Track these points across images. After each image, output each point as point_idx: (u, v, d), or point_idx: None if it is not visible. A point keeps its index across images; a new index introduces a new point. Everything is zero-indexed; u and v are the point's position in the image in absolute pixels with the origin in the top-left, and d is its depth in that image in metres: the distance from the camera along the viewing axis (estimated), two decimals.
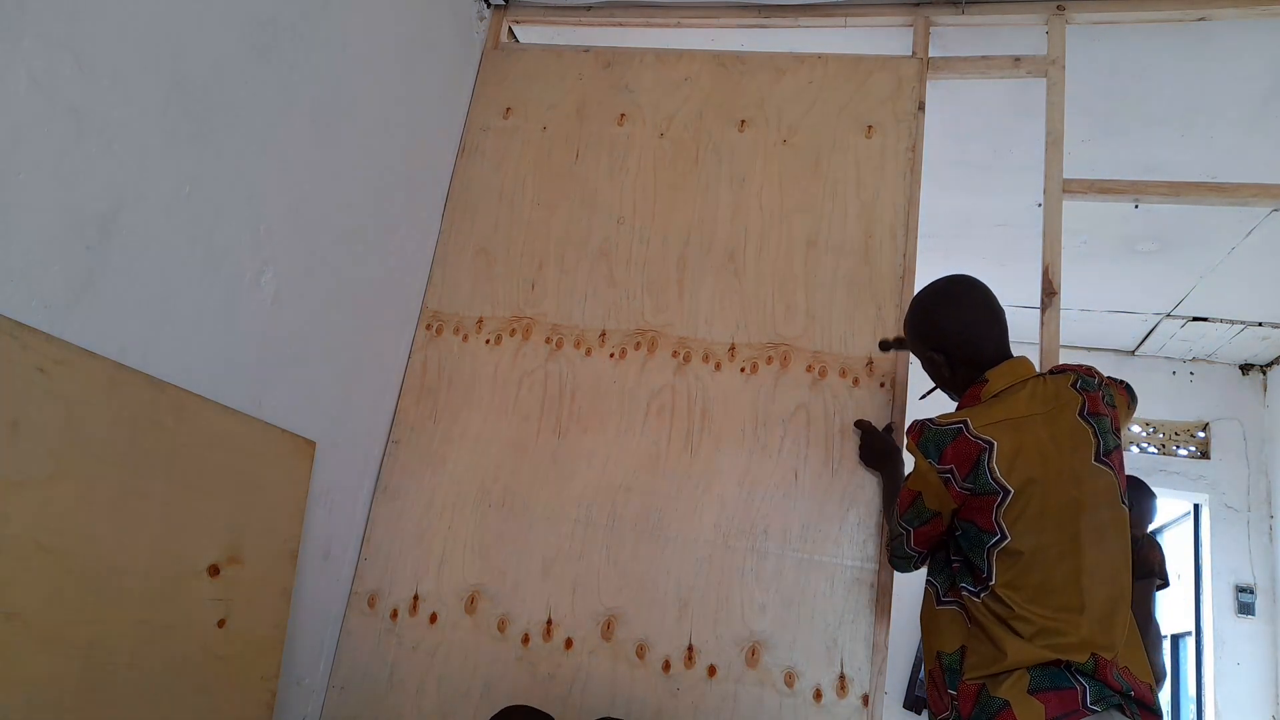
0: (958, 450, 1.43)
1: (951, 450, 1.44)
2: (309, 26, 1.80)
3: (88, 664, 1.30)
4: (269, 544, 1.72)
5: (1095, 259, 3.51)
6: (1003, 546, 1.41)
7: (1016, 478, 1.41)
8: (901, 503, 1.55)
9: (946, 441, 1.45)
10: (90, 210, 1.34)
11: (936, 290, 1.66)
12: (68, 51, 1.28)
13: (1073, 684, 1.31)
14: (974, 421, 1.45)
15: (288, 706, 1.93)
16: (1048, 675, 1.33)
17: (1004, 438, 1.43)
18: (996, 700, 1.33)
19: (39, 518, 1.23)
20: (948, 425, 1.46)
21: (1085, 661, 1.32)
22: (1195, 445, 4.38)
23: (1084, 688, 1.30)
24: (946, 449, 1.44)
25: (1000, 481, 1.41)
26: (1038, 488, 1.41)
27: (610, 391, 2.15)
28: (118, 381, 1.37)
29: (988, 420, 1.45)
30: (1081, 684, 1.31)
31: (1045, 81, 2.16)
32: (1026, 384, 1.52)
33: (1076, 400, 1.49)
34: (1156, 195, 2.14)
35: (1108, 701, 1.30)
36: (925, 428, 1.48)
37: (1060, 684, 1.31)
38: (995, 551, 1.42)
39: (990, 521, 1.42)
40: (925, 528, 1.53)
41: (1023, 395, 1.50)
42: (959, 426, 1.45)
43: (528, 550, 2.07)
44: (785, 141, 2.25)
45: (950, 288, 1.65)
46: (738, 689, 1.88)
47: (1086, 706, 1.29)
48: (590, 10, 2.51)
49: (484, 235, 2.36)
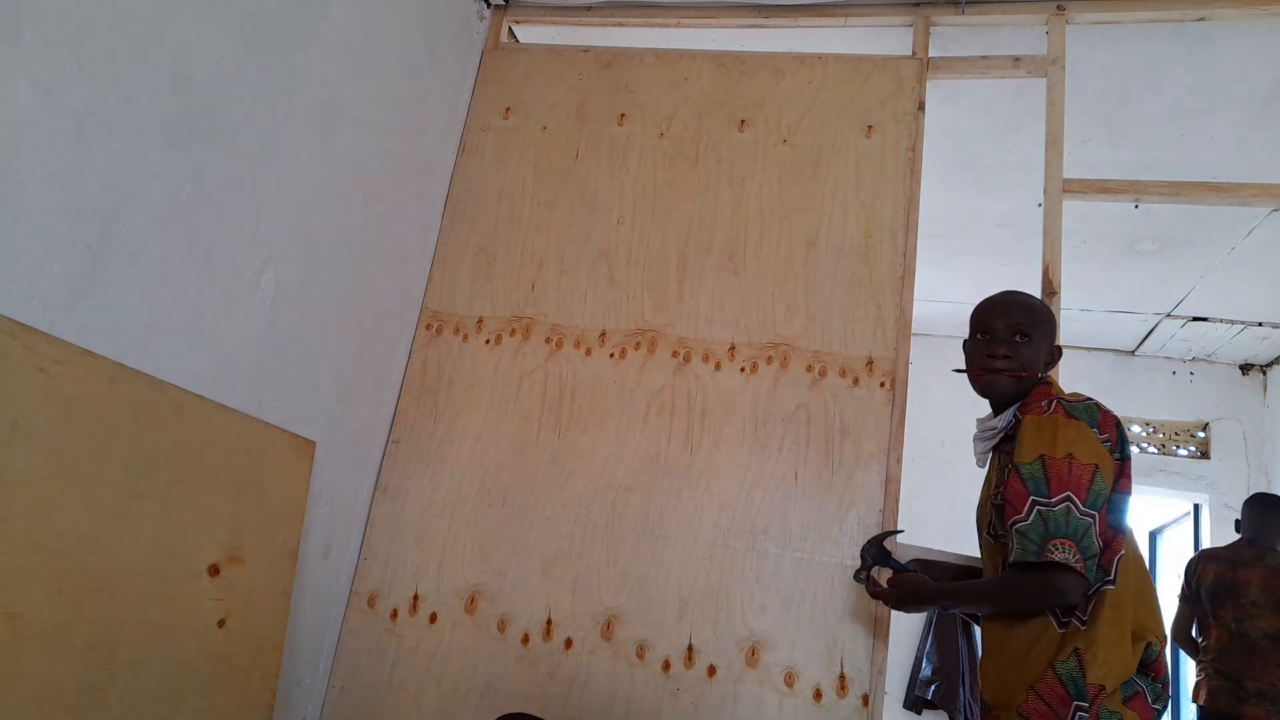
0: (1106, 420, 1.43)
1: (1103, 419, 1.43)
2: (309, 26, 1.80)
3: (88, 664, 1.30)
4: (269, 544, 1.72)
5: (1095, 259, 3.52)
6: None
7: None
8: (1079, 487, 1.34)
9: (1097, 413, 1.43)
10: (90, 210, 1.34)
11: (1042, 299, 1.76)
12: (68, 51, 1.28)
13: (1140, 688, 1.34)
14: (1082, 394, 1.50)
15: (288, 706, 1.93)
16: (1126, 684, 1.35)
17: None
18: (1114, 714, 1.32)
19: (39, 518, 1.23)
20: (1084, 400, 1.46)
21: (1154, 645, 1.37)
22: (1195, 445, 4.38)
23: (1142, 689, 1.34)
24: (1100, 419, 1.42)
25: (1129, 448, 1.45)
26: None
27: (610, 391, 2.15)
28: (118, 381, 1.37)
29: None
30: (1141, 685, 1.34)
31: (1045, 81, 2.16)
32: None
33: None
34: (1156, 195, 2.14)
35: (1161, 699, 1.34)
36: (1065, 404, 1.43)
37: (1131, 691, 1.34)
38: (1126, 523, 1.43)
39: (1130, 488, 1.43)
40: (1104, 509, 1.37)
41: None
42: (1095, 401, 1.46)
43: (528, 550, 2.07)
44: (785, 141, 2.25)
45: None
46: (738, 689, 1.88)
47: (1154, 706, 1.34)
48: (590, 10, 2.51)
49: (484, 235, 2.36)
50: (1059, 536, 1.31)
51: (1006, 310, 1.58)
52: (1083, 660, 1.32)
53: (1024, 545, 1.34)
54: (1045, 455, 1.37)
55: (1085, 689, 1.31)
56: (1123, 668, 1.33)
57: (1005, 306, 1.59)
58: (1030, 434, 1.42)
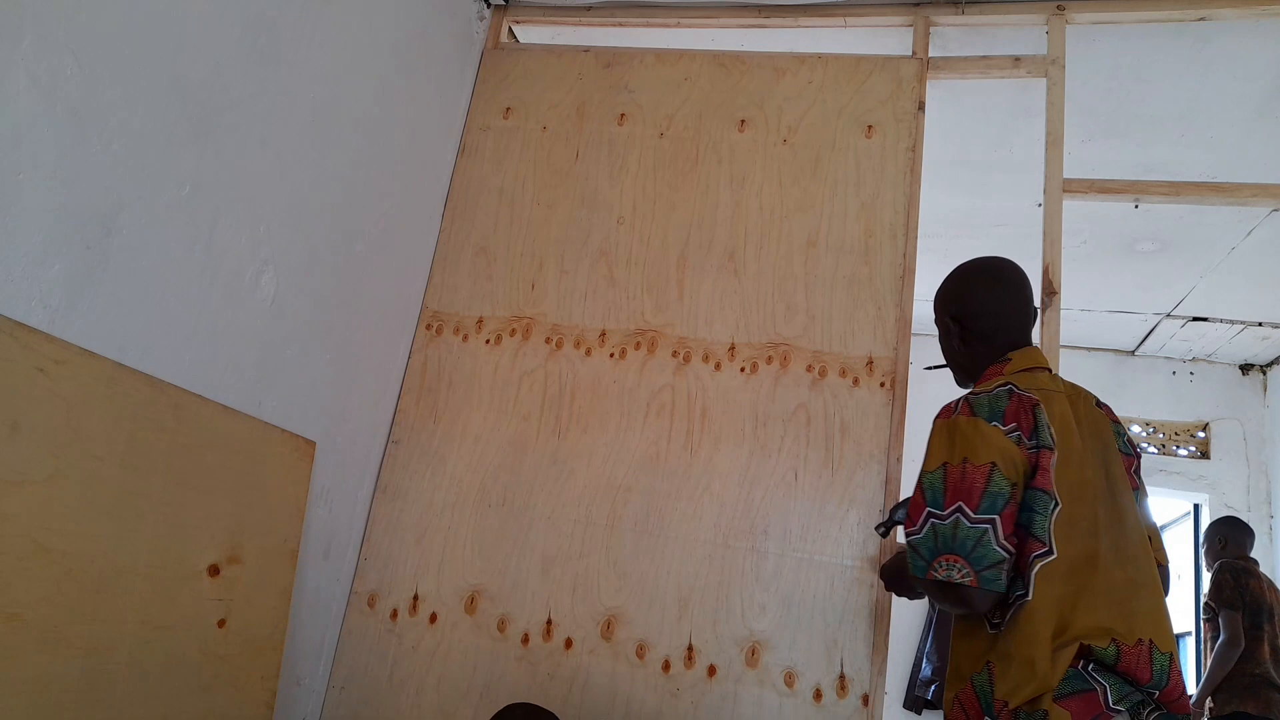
0: (1015, 408, 1.32)
1: (1011, 409, 1.32)
2: (309, 26, 1.80)
3: (88, 664, 1.30)
4: (269, 544, 1.72)
5: (1095, 259, 3.51)
6: (1056, 515, 1.28)
7: (1060, 438, 1.33)
8: (970, 493, 1.27)
9: (1003, 403, 1.33)
10: (90, 210, 1.34)
11: (979, 263, 1.61)
12: (68, 51, 1.28)
13: (1093, 685, 1.22)
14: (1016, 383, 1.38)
15: (288, 706, 1.93)
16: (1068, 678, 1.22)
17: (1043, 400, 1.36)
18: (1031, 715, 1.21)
19: (39, 518, 1.23)
20: (996, 388, 1.37)
21: (1108, 649, 1.22)
22: (1195, 445, 4.38)
23: (1104, 686, 1.22)
24: (1006, 409, 1.32)
25: (1054, 437, 1.32)
26: (1070, 458, 1.33)
27: (610, 391, 2.15)
28: (118, 381, 1.37)
29: (1026, 385, 1.39)
30: (1101, 682, 1.22)
31: (1045, 81, 2.16)
32: (1045, 370, 1.49)
33: (1092, 397, 1.50)
34: (1156, 195, 2.14)
35: (1129, 700, 1.22)
36: (971, 399, 1.37)
37: (1081, 687, 1.22)
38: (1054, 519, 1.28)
39: (1050, 482, 1.29)
40: (1009, 508, 1.27)
41: (1044, 376, 1.46)
42: (1008, 387, 1.36)
43: (528, 550, 2.07)
44: (785, 141, 2.25)
45: (993, 264, 1.60)
46: (738, 689, 1.88)
47: (1111, 708, 1.20)
48: (590, 10, 2.51)
49: (484, 235, 2.36)
50: (945, 552, 1.26)
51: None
52: (993, 674, 1.26)
53: (915, 561, 1.30)
54: (947, 463, 1.31)
55: (993, 704, 1.24)
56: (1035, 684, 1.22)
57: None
58: (933, 440, 1.36)
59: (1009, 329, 1.53)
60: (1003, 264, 1.60)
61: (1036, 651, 1.23)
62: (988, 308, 1.54)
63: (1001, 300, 1.54)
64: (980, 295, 1.56)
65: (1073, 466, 1.33)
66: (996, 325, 1.53)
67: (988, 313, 1.54)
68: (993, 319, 1.54)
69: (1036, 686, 1.21)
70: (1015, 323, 1.54)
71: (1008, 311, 1.54)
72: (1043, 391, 1.39)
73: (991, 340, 1.53)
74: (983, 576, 1.24)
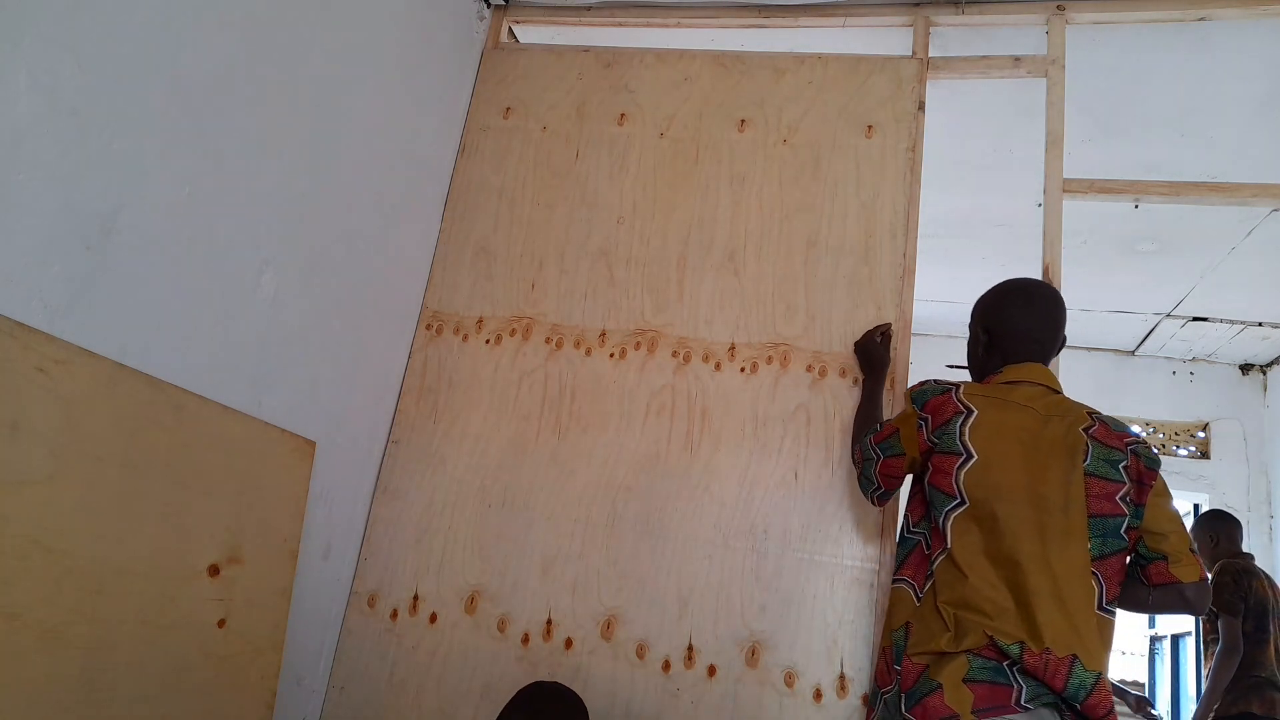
0: (938, 405, 1.55)
1: (934, 403, 1.56)
2: (309, 27, 1.80)
3: (88, 664, 1.30)
4: (269, 544, 1.72)
5: (1095, 259, 3.52)
6: (962, 511, 1.47)
7: (986, 446, 1.48)
8: (880, 433, 1.68)
9: (933, 395, 1.57)
10: (90, 210, 1.34)
11: (1020, 284, 1.72)
12: (68, 51, 1.28)
13: (1010, 682, 1.31)
14: (965, 389, 1.57)
15: (288, 706, 1.93)
16: (988, 669, 1.33)
17: (987, 410, 1.51)
18: (933, 682, 1.35)
19: (39, 518, 1.23)
20: (944, 385, 1.59)
21: (1011, 646, 1.32)
22: (1195, 445, 4.38)
23: (1021, 688, 1.30)
24: (931, 400, 1.57)
25: (966, 444, 1.49)
26: (1010, 464, 1.46)
27: (610, 391, 2.15)
28: (118, 381, 1.37)
29: (979, 392, 1.56)
30: (1020, 684, 1.31)
31: (1045, 81, 2.16)
32: (1037, 386, 1.57)
33: (1085, 420, 1.51)
34: (1156, 195, 2.14)
35: (1040, 700, 1.30)
36: (927, 381, 1.62)
37: (997, 679, 1.32)
38: (953, 516, 1.47)
39: (952, 484, 1.48)
40: (892, 461, 1.64)
41: (1026, 390, 1.56)
42: (952, 389, 1.57)
43: (528, 550, 2.07)
44: (785, 141, 2.25)
45: (1033, 289, 1.71)
46: (738, 689, 1.88)
47: (1018, 705, 1.29)
48: (590, 10, 2.51)
49: (484, 235, 2.36)
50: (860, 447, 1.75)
51: None
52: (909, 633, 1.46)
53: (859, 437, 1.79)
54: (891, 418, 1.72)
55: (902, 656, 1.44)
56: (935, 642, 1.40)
57: None
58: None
59: (1029, 352, 1.63)
60: (1042, 290, 1.72)
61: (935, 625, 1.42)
62: (1017, 328, 1.65)
63: (1030, 325, 1.66)
64: (1013, 315, 1.67)
65: (994, 470, 1.46)
66: (1018, 346, 1.64)
67: (1015, 333, 1.65)
68: (1016, 340, 1.64)
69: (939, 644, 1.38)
70: (1036, 347, 1.64)
71: (1033, 336, 1.65)
72: (999, 400, 1.53)
73: (1010, 357, 1.63)
74: (864, 469, 1.73)
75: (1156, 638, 4.81)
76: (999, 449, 1.47)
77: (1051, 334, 1.67)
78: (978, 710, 1.29)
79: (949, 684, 1.33)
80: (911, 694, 1.37)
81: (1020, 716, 1.28)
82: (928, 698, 1.33)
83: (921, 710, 1.33)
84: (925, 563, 1.50)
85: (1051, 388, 1.58)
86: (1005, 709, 1.29)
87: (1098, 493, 1.44)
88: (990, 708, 1.29)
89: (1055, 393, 1.57)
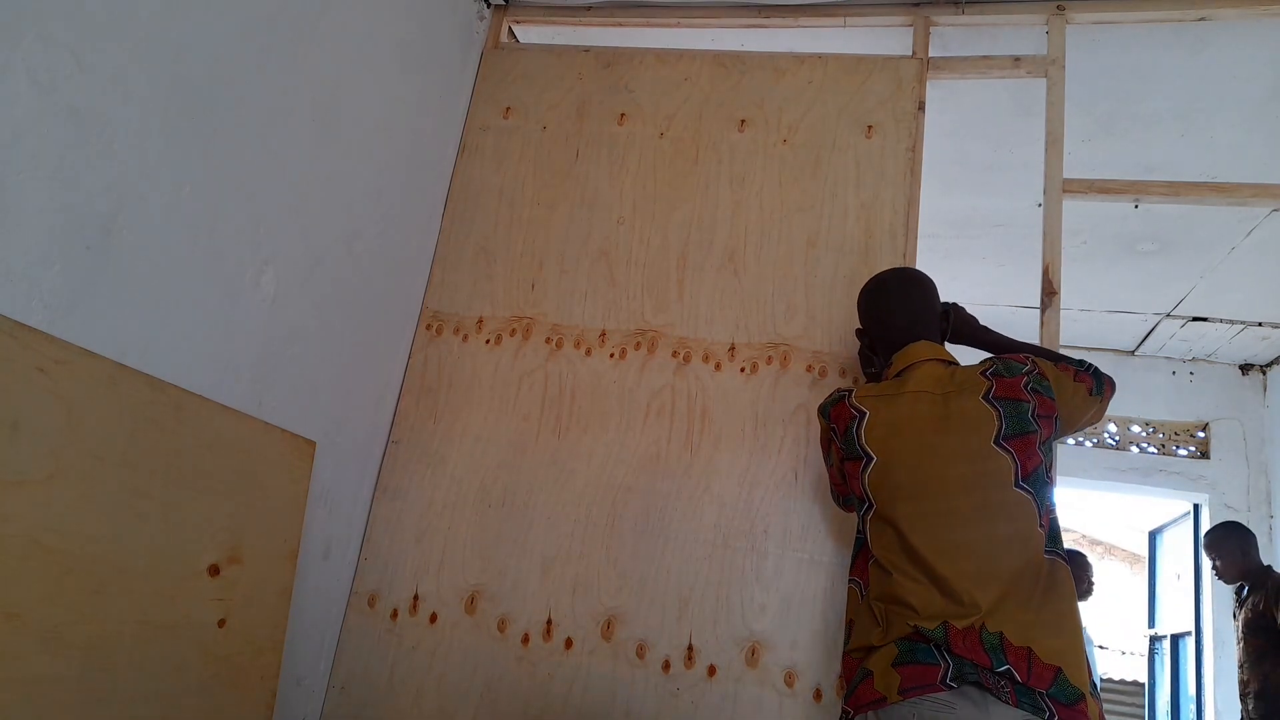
0: (838, 413, 1.63)
1: (834, 412, 1.64)
2: (309, 26, 1.80)
3: (88, 664, 1.30)
4: (269, 544, 1.72)
5: (1095, 259, 3.52)
6: (873, 513, 1.53)
7: (882, 446, 1.52)
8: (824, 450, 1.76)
9: (832, 405, 1.66)
10: (90, 210, 1.34)
11: (871, 281, 1.78)
12: (68, 51, 1.28)
13: (936, 661, 1.33)
14: (858, 392, 1.62)
15: (288, 706, 1.93)
16: (915, 650, 1.35)
17: (878, 410, 1.56)
18: (865, 670, 1.40)
19: (39, 517, 1.23)
20: (841, 393, 1.66)
21: (935, 629, 1.34)
22: (1195, 445, 4.38)
23: (947, 665, 1.32)
24: (831, 410, 1.65)
25: (864, 448, 1.55)
26: (907, 458, 1.50)
27: (610, 391, 2.15)
28: (118, 381, 1.37)
29: (870, 393, 1.61)
30: (946, 661, 1.32)
31: (1045, 81, 2.16)
32: (924, 365, 1.59)
33: (983, 385, 1.51)
34: (1156, 195, 2.14)
35: (965, 678, 1.30)
36: (834, 392, 1.70)
37: (924, 660, 1.34)
38: (869, 519, 1.54)
39: (860, 487, 1.55)
40: (831, 471, 1.71)
41: (916, 375, 1.58)
42: (844, 395, 1.65)
43: (528, 550, 2.07)
44: (785, 141, 2.25)
45: (877, 278, 1.76)
46: (738, 689, 1.88)
47: (944, 683, 1.30)
48: (590, 10, 2.51)
49: (484, 235, 2.36)
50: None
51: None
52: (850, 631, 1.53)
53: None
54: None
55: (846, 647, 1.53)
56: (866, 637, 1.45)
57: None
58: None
59: (905, 335, 1.67)
60: (893, 274, 1.77)
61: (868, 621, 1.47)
62: (882, 318, 1.71)
63: (891, 307, 1.70)
64: (874, 308, 1.73)
65: (893, 469, 1.51)
66: (891, 333, 1.69)
67: (882, 322, 1.71)
68: (886, 328, 1.70)
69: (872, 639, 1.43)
70: (909, 328, 1.67)
71: (899, 319, 1.69)
72: (888, 397, 1.58)
73: (892, 347, 1.67)
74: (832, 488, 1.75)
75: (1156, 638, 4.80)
76: (894, 446, 1.52)
77: (921, 309, 1.69)
78: (904, 690, 1.32)
79: (878, 670, 1.37)
80: (849, 687, 1.42)
81: (945, 695, 1.30)
82: (859, 686, 1.39)
83: (854, 700, 1.38)
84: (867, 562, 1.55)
85: (945, 360, 1.60)
86: (931, 687, 1.31)
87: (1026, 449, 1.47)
88: (915, 687, 1.31)
89: (951, 364, 1.59)
